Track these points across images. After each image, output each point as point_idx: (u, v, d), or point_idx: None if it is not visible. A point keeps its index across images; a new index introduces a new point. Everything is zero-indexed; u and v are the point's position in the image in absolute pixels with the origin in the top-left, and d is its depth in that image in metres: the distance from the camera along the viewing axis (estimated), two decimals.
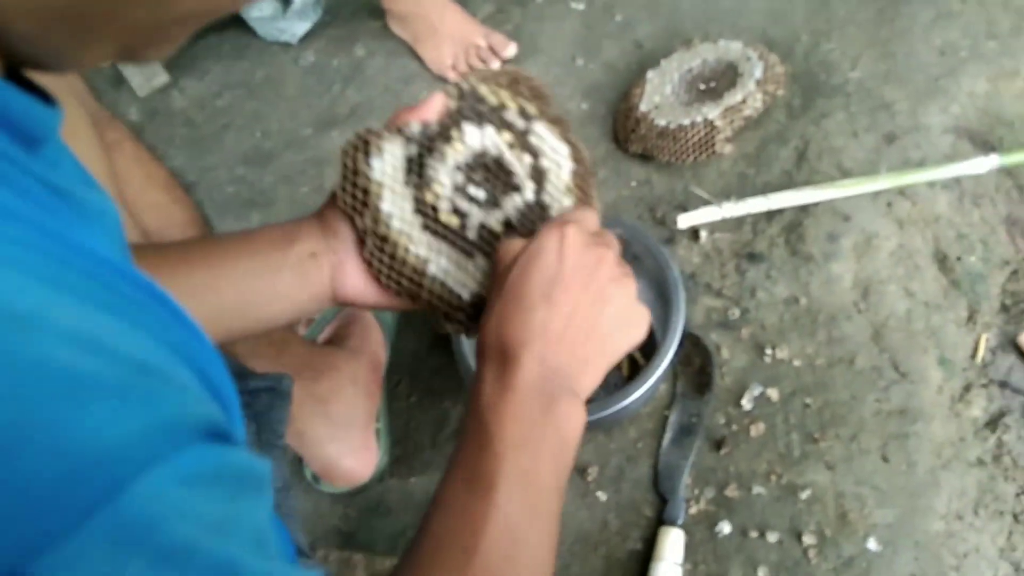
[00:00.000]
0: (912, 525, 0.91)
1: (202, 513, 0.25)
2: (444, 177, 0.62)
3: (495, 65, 1.36)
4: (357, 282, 0.62)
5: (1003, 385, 1.02)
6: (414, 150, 0.61)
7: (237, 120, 1.41)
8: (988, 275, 1.08)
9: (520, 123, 0.63)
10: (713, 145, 1.16)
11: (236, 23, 1.50)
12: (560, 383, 0.52)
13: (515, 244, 0.58)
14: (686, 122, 1.17)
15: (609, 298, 0.55)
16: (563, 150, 0.66)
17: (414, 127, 0.62)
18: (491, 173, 0.63)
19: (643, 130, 1.19)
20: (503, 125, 0.63)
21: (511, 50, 1.36)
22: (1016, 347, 1.03)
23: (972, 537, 0.92)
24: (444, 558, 0.47)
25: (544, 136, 0.64)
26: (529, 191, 0.64)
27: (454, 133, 0.62)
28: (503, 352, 0.52)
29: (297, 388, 0.93)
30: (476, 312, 0.64)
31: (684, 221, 1.11)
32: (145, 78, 1.45)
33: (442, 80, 1.38)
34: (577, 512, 0.97)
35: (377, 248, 0.61)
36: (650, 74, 1.26)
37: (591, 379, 0.55)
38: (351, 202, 0.60)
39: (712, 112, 1.16)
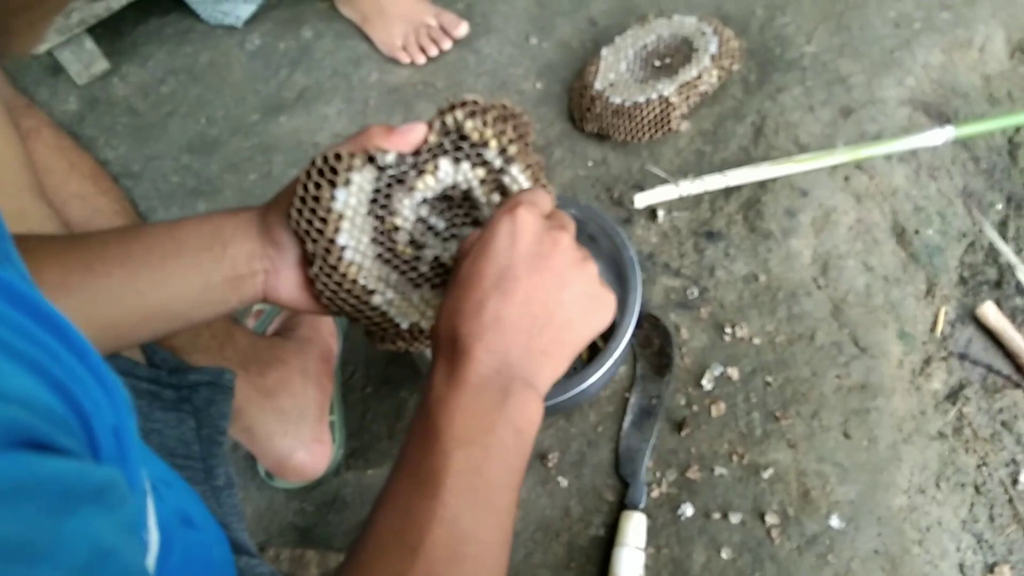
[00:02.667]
0: (874, 501, 0.90)
1: None
2: (408, 211, 0.58)
3: (447, 46, 1.33)
4: (291, 292, 0.59)
5: (962, 357, 1.02)
6: (384, 182, 0.57)
7: (181, 107, 1.37)
8: (946, 248, 1.08)
9: (497, 162, 0.59)
10: (669, 122, 1.14)
11: (178, 6, 1.44)
12: (515, 375, 0.49)
13: (473, 235, 0.55)
14: (641, 99, 1.14)
15: (567, 283, 0.52)
16: None
17: (389, 158, 0.56)
18: (456, 205, 0.60)
19: (598, 109, 1.17)
20: (479, 161, 0.59)
21: (463, 29, 1.33)
22: (975, 319, 1.03)
23: (934, 510, 0.91)
24: (388, 556, 0.45)
25: (518, 178, 0.60)
26: None
27: (429, 167, 0.58)
28: (454, 344, 0.50)
29: (244, 382, 0.90)
30: (412, 337, 0.62)
31: (641, 200, 1.09)
32: (83, 65, 1.39)
33: (393, 61, 1.34)
34: (538, 499, 0.95)
35: (324, 273, 0.57)
36: (604, 51, 1.23)
37: (551, 370, 0.52)
38: (305, 227, 0.55)
39: (667, 89, 1.14)
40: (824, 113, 1.16)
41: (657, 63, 1.21)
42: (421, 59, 1.33)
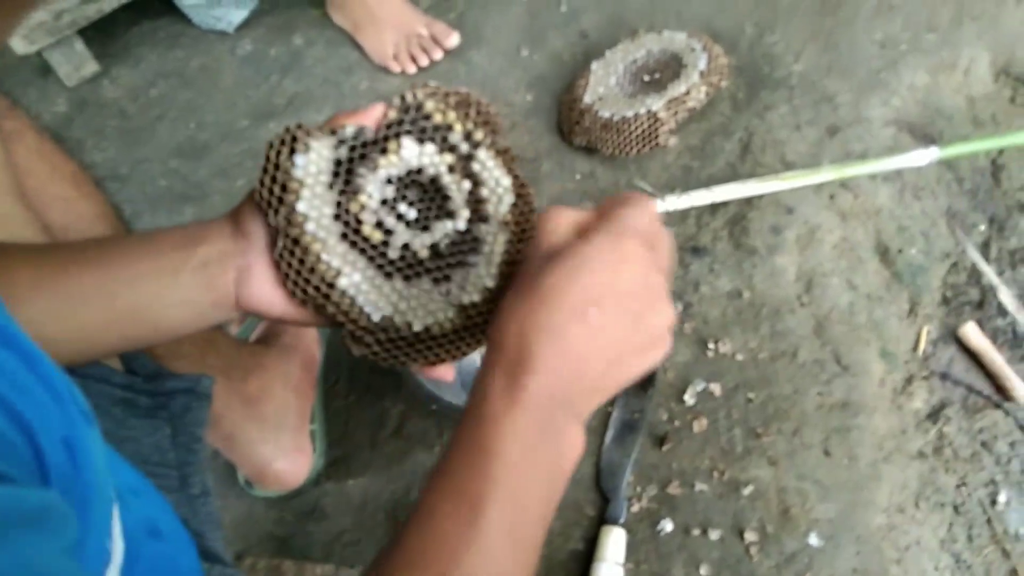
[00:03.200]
0: (854, 519, 0.91)
1: None
2: (372, 188, 0.58)
3: (438, 56, 1.33)
4: (264, 290, 0.57)
5: (944, 377, 1.02)
6: (344, 153, 0.57)
7: (171, 111, 1.36)
8: (929, 267, 1.09)
9: (464, 147, 0.58)
10: (657, 137, 1.14)
11: (170, 10, 1.44)
12: (570, 408, 0.48)
13: (564, 220, 0.51)
14: (630, 114, 1.15)
15: (645, 328, 0.49)
16: (505, 182, 0.62)
17: (348, 130, 0.57)
18: (425, 193, 0.59)
19: (587, 122, 1.17)
20: (445, 146, 0.58)
21: (454, 39, 1.33)
22: (956, 339, 1.03)
23: (913, 530, 0.92)
24: None
25: (487, 164, 0.60)
26: (462, 220, 0.61)
27: (391, 145, 0.57)
28: (519, 358, 0.47)
29: (225, 389, 0.90)
30: (387, 338, 0.60)
31: None
32: (73, 67, 1.39)
33: (384, 70, 1.35)
34: None
35: (287, 250, 0.57)
36: (594, 65, 1.24)
37: (597, 404, 0.50)
38: (267, 196, 0.56)
39: (656, 104, 1.15)
40: (811, 131, 1.17)
41: (646, 78, 1.21)
42: (412, 68, 1.33)
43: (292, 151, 0.56)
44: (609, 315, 0.48)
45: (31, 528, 0.26)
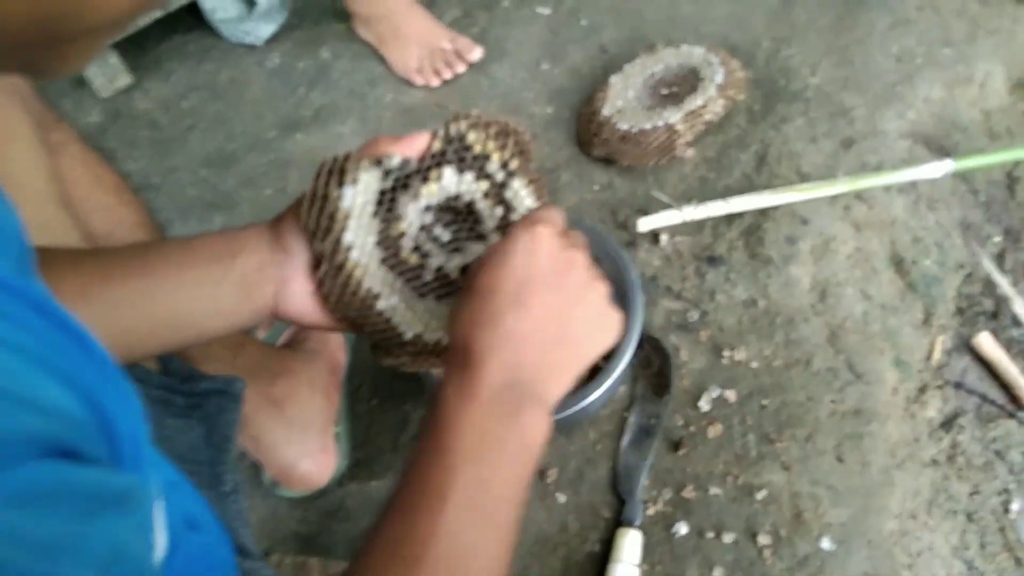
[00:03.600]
0: (866, 524, 0.92)
1: (28, 535, 0.24)
2: (413, 215, 0.61)
3: (461, 69, 1.37)
4: (301, 302, 0.60)
5: (958, 386, 1.03)
6: (389, 184, 0.60)
7: (201, 122, 1.41)
8: (944, 278, 1.10)
9: (499, 176, 0.62)
10: (674, 149, 1.17)
11: (201, 24, 1.49)
12: (526, 390, 0.51)
13: (489, 248, 0.56)
14: (648, 126, 1.17)
15: (580, 301, 0.53)
16: (535, 208, 0.66)
17: (395, 160, 0.60)
18: (460, 217, 0.63)
19: (605, 134, 1.20)
20: (483, 175, 0.62)
21: (477, 54, 1.36)
22: (970, 349, 1.04)
23: (926, 536, 0.93)
24: (390, 567, 0.46)
25: (519, 192, 0.63)
26: (493, 243, 0.64)
27: (433, 174, 0.61)
28: (467, 357, 0.51)
29: (252, 391, 0.93)
30: (416, 351, 0.63)
31: (645, 224, 1.12)
32: (107, 79, 1.44)
33: (407, 83, 1.38)
34: (536, 514, 0.97)
35: (331, 275, 0.59)
36: (613, 79, 1.27)
37: (559, 386, 0.53)
38: (314, 226, 0.58)
39: (673, 116, 1.17)
40: (826, 144, 1.19)
41: (664, 91, 1.24)
42: (435, 82, 1.36)
43: (340, 182, 0.58)
44: (539, 293, 0.52)
45: (118, 508, 0.29)
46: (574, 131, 1.28)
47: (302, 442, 0.96)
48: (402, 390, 1.08)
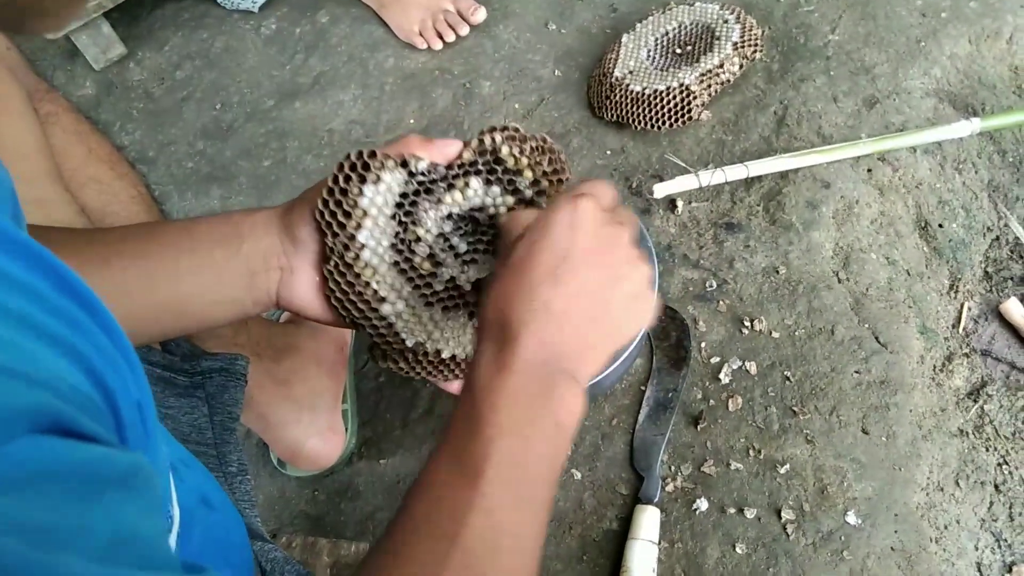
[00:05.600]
0: (892, 497, 0.89)
1: (21, 519, 0.22)
2: (432, 222, 0.58)
3: (464, 31, 1.32)
4: (305, 295, 0.58)
5: (985, 354, 1.00)
6: (413, 188, 0.57)
7: (196, 92, 1.36)
8: (970, 242, 1.06)
9: (528, 193, 0.58)
10: (689, 111, 1.12)
11: None
12: (560, 366, 0.48)
13: (526, 214, 0.54)
14: (661, 88, 1.13)
15: (620, 280, 0.51)
16: None
17: (422, 165, 0.56)
18: (480, 230, 0.59)
19: (617, 96, 1.15)
20: (511, 190, 0.58)
21: (481, 14, 1.31)
22: (999, 315, 1.01)
23: (953, 508, 0.90)
24: (423, 544, 0.43)
25: None
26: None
27: (459, 183, 0.57)
28: (503, 330, 0.48)
29: (258, 370, 0.90)
30: (415, 359, 0.61)
31: (660, 191, 1.08)
32: (100, 50, 1.39)
33: (410, 47, 1.33)
34: None
35: (339, 272, 0.56)
36: (624, 38, 1.22)
37: (593, 364, 0.51)
38: (328, 220, 0.55)
39: (688, 77, 1.12)
40: (848, 103, 1.14)
41: (678, 51, 1.19)
42: (438, 44, 1.31)
43: (363, 179, 0.55)
44: (579, 269, 0.49)
45: (122, 488, 0.27)
46: (584, 94, 1.23)
47: (309, 421, 0.93)
48: None
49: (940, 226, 1.06)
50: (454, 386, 0.66)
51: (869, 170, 1.09)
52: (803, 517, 0.89)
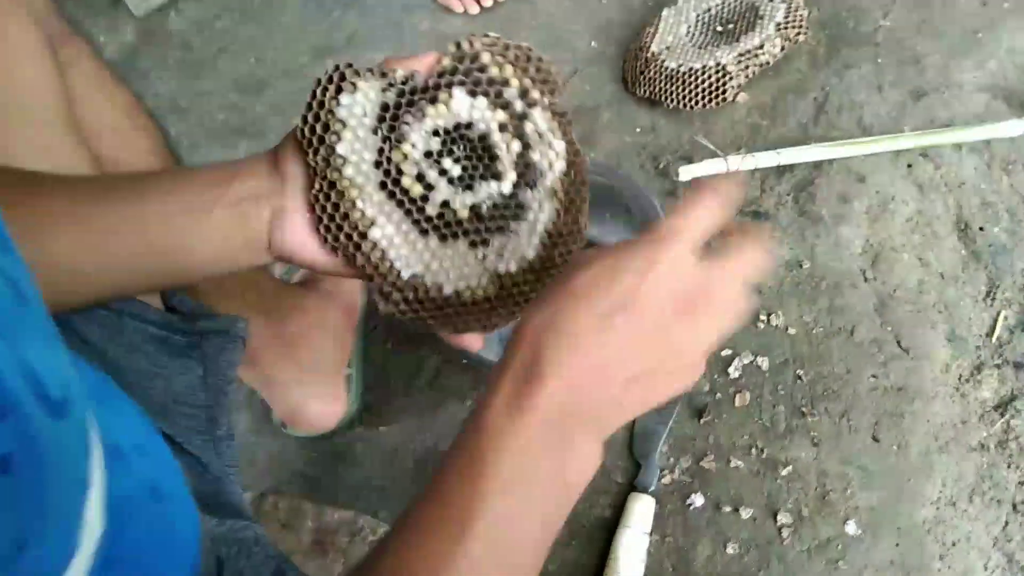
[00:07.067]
0: (897, 510, 0.86)
1: None
2: (417, 138, 0.55)
3: None
4: (297, 233, 0.55)
5: (1018, 366, 0.95)
6: (392, 98, 0.54)
7: (233, 45, 1.36)
8: (1013, 248, 1.00)
9: (518, 105, 0.54)
10: (724, 93, 1.08)
11: None
12: (584, 420, 0.43)
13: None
14: (697, 66, 1.08)
15: (676, 348, 0.45)
16: (559, 147, 0.57)
17: (399, 74, 0.54)
18: (473, 151, 0.56)
19: (652, 72, 1.12)
20: (499, 103, 0.54)
21: None
22: None
23: (964, 525, 0.86)
24: None
25: (541, 126, 0.55)
26: (508, 183, 0.56)
27: (442, 95, 0.54)
28: (532, 366, 0.43)
29: (264, 329, 0.90)
30: (416, 298, 0.58)
31: (687, 173, 1.04)
32: None
33: (446, 10, 1.31)
34: None
35: (323, 193, 0.55)
36: (666, 12, 1.17)
37: (618, 422, 0.46)
38: (308, 136, 0.54)
39: (725, 57, 1.08)
40: (893, 94, 1.09)
41: (719, 29, 1.14)
42: (475, 9, 1.29)
43: (339, 90, 0.54)
44: (636, 325, 0.43)
45: None
46: (619, 68, 1.20)
47: (312, 383, 0.94)
48: (418, 335, 1.04)
49: (981, 229, 1.01)
50: (464, 340, 0.61)
51: (909, 165, 1.04)
52: (800, 522, 0.86)
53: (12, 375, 0.31)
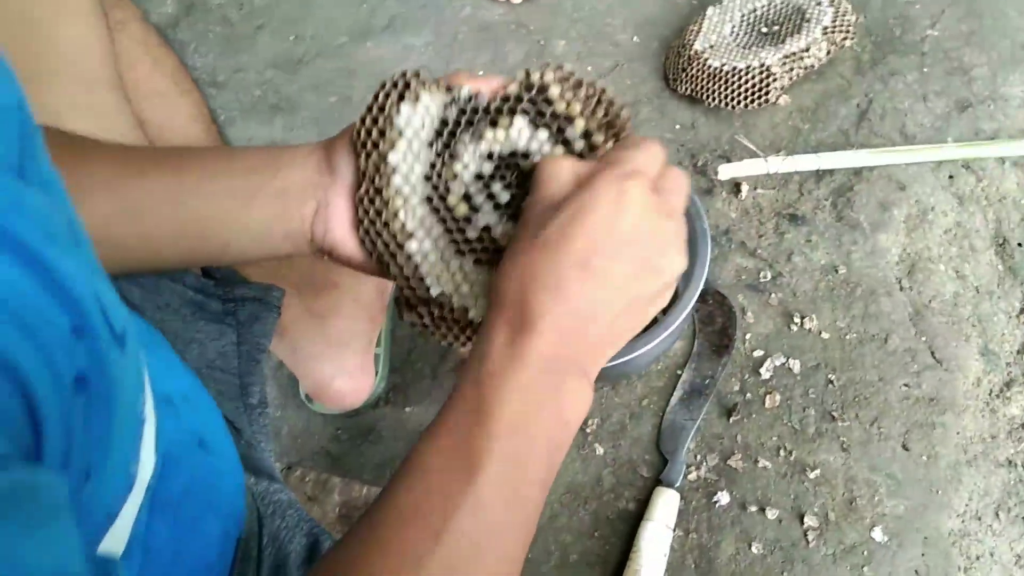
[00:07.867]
0: (924, 520, 0.85)
1: None
2: (471, 158, 0.54)
3: None
4: (339, 230, 0.55)
5: None
6: (452, 114, 0.54)
7: (272, 22, 1.36)
8: None
9: (579, 145, 0.53)
10: (767, 93, 1.07)
11: None
12: (574, 360, 0.46)
13: (564, 168, 0.49)
14: (741, 65, 1.08)
15: (651, 275, 0.47)
16: None
17: (463, 91, 0.54)
18: (525, 180, 0.55)
19: (694, 70, 1.11)
20: (560, 138, 0.54)
21: None
22: None
23: (988, 540, 0.86)
24: (409, 534, 0.41)
25: None
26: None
27: (502, 119, 0.54)
28: (521, 314, 0.45)
29: (296, 302, 0.90)
30: (440, 315, 0.57)
31: (725, 172, 1.04)
32: None
33: None
34: (571, 463, 0.93)
35: (368, 197, 0.54)
36: (710, 10, 1.17)
37: (604, 359, 0.48)
38: (363, 138, 0.53)
39: (770, 58, 1.07)
40: (938, 104, 1.08)
41: (764, 30, 1.13)
42: None
43: (401, 98, 0.53)
44: (613, 263, 0.45)
45: (44, 523, 0.23)
46: (660, 65, 1.19)
47: (340, 359, 0.93)
48: None
49: (1019, 244, 1.00)
50: None
51: (951, 176, 1.03)
52: (827, 526, 0.86)
53: (90, 301, 0.31)
